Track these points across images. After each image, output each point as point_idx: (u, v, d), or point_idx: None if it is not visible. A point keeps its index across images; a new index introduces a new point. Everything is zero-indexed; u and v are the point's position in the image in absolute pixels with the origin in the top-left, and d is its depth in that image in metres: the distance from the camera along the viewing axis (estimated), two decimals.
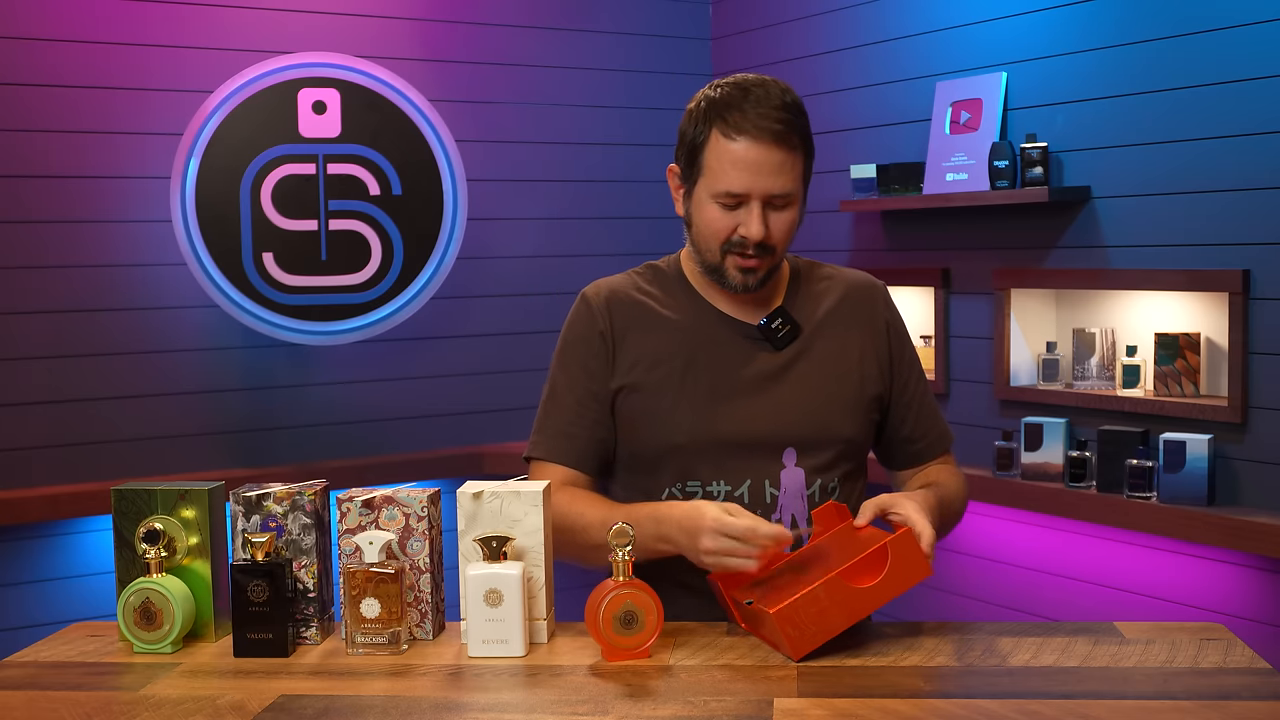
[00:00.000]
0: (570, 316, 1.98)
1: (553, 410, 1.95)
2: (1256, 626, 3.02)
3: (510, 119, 4.18)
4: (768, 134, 1.80)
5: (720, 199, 1.84)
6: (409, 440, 4.06)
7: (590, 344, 1.94)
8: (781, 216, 1.85)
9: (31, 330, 3.54)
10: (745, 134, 1.81)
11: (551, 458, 1.93)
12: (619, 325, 1.93)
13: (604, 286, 1.98)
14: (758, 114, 1.80)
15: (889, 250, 3.91)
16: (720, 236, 1.86)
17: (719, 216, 1.85)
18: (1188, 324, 3.21)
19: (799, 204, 1.87)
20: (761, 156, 1.80)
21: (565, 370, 1.96)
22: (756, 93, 1.82)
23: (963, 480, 2.04)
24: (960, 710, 1.43)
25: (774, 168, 1.81)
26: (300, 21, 3.84)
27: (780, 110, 1.81)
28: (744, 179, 1.81)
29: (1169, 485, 3.07)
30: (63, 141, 3.56)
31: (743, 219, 1.83)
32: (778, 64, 4.19)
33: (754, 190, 1.82)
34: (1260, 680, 1.51)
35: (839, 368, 1.94)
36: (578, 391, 1.93)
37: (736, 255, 1.86)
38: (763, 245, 1.84)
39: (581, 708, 1.47)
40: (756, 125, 1.80)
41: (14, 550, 3.54)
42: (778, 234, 1.85)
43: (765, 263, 1.87)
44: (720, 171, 1.83)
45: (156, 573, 1.72)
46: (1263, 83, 2.96)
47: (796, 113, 1.83)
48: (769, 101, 1.81)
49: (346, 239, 3.79)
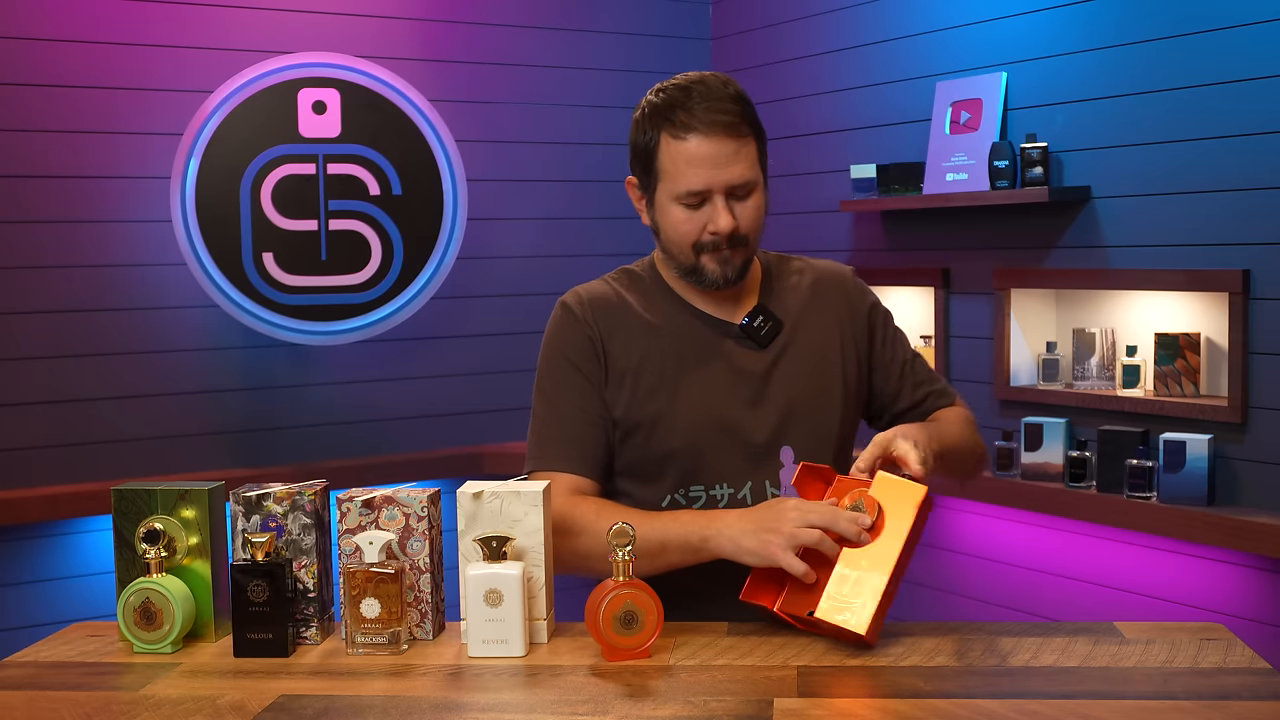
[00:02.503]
0: (552, 325, 1.94)
1: (550, 420, 1.90)
2: (1256, 626, 3.02)
3: (510, 119, 4.18)
4: (717, 126, 1.80)
5: (682, 200, 1.83)
6: (409, 440, 4.06)
7: (580, 348, 1.90)
8: (746, 205, 1.85)
9: (31, 330, 3.54)
10: (694, 130, 1.81)
11: (557, 467, 1.87)
12: (605, 330, 1.91)
13: (583, 293, 1.95)
14: (703, 109, 1.81)
15: (889, 250, 3.91)
16: (690, 238, 1.85)
17: (685, 218, 1.84)
18: (1188, 324, 3.21)
19: (761, 190, 1.87)
20: (714, 150, 1.80)
21: (557, 379, 1.91)
22: (698, 89, 1.83)
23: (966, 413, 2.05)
24: (960, 710, 1.43)
25: (729, 158, 1.81)
26: (300, 21, 3.84)
27: (724, 101, 1.82)
28: (702, 175, 1.81)
29: (1169, 485, 3.07)
30: (63, 141, 3.56)
31: (709, 215, 1.83)
32: (778, 64, 4.19)
33: (714, 184, 1.82)
34: (1260, 680, 1.51)
35: (822, 359, 1.94)
36: (574, 396, 1.89)
37: (710, 252, 1.86)
38: (734, 236, 1.84)
39: (581, 708, 1.47)
40: (703, 120, 1.80)
41: (14, 550, 3.54)
42: (746, 222, 1.85)
43: (740, 253, 1.87)
44: (677, 173, 1.82)
45: (156, 573, 1.72)
46: (1263, 83, 2.96)
47: (741, 101, 1.84)
48: (712, 95, 1.82)
49: (346, 239, 3.79)
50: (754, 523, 1.71)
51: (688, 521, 1.76)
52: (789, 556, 1.66)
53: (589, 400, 1.90)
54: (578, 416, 1.89)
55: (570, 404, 1.89)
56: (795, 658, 1.62)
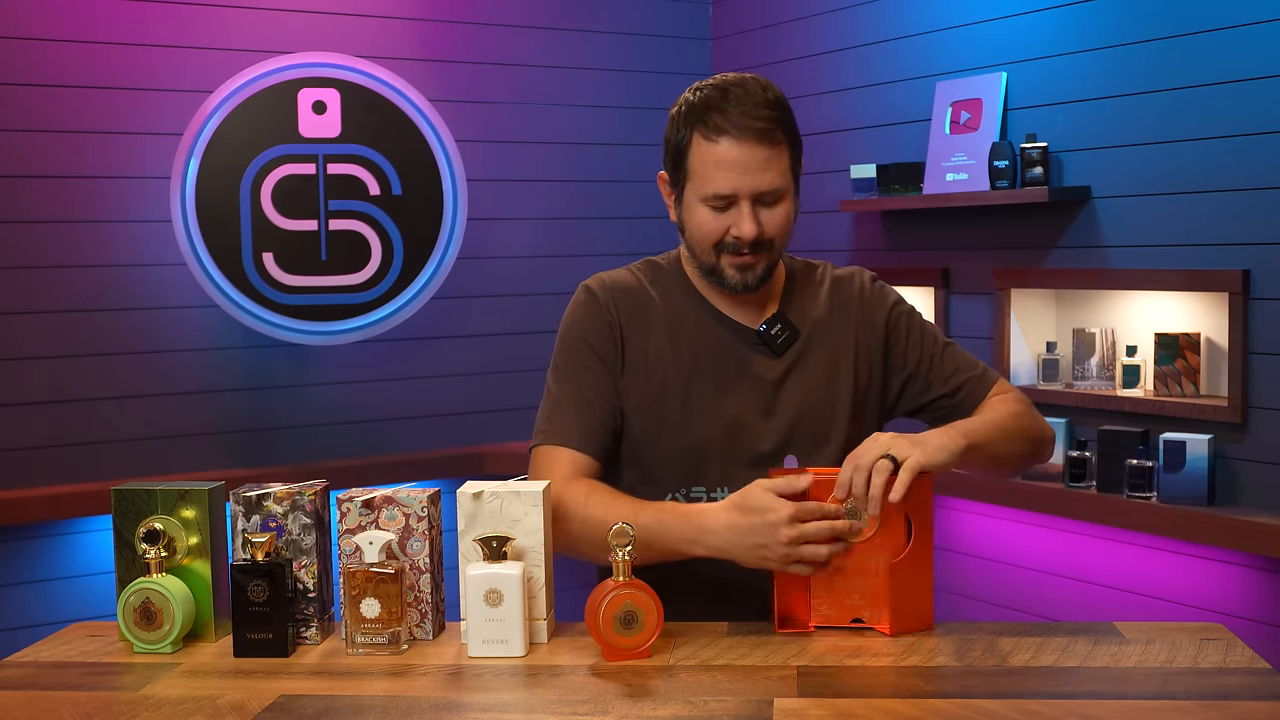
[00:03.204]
0: (573, 307, 1.95)
1: (561, 398, 1.90)
2: (1256, 626, 3.02)
3: (510, 119, 4.18)
4: (750, 132, 1.79)
5: (709, 201, 1.82)
6: (409, 440, 4.06)
7: (599, 332, 1.91)
8: (774, 213, 1.83)
9: (31, 330, 3.54)
10: (726, 134, 1.79)
11: (561, 442, 1.87)
12: (625, 318, 1.91)
13: (607, 279, 1.96)
14: (738, 113, 1.79)
15: (889, 250, 3.91)
16: (713, 239, 1.84)
17: (710, 219, 1.84)
18: (1188, 324, 3.21)
19: (791, 198, 1.85)
20: (745, 155, 1.79)
21: (573, 359, 1.91)
22: (736, 92, 1.81)
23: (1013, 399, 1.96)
24: (960, 710, 1.43)
25: (759, 165, 1.80)
26: (300, 21, 3.84)
27: (761, 107, 1.80)
28: (730, 179, 1.80)
29: (1169, 485, 3.07)
30: (63, 141, 3.56)
31: (734, 219, 1.82)
32: (778, 64, 4.19)
33: (741, 190, 1.80)
34: (1260, 680, 1.51)
35: (833, 370, 1.93)
36: (589, 378, 1.89)
37: (731, 255, 1.85)
38: (758, 242, 1.83)
39: (581, 708, 1.47)
40: (737, 125, 1.79)
41: (14, 550, 3.54)
42: (771, 230, 1.84)
43: (762, 259, 1.86)
44: (706, 174, 1.82)
45: (156, 573, 1.72)
46: (1263, 83, 2.96)
47: (778, 108, 1.82)
48: (749, 100, 1.80)
49: (346, 239, 3.79)
50: (744, 534, 1.69)
51: (672, 524, 1.74)
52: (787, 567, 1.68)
53: (602, 383, 1.89)
54: (589, 398, 1.89)
55: (584, 384, 1.89)
56: (795, 658, 1.62)
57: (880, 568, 1.68)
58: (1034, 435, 1.95)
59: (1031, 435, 1.95)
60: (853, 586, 1.70)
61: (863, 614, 1.70)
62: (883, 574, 1.68)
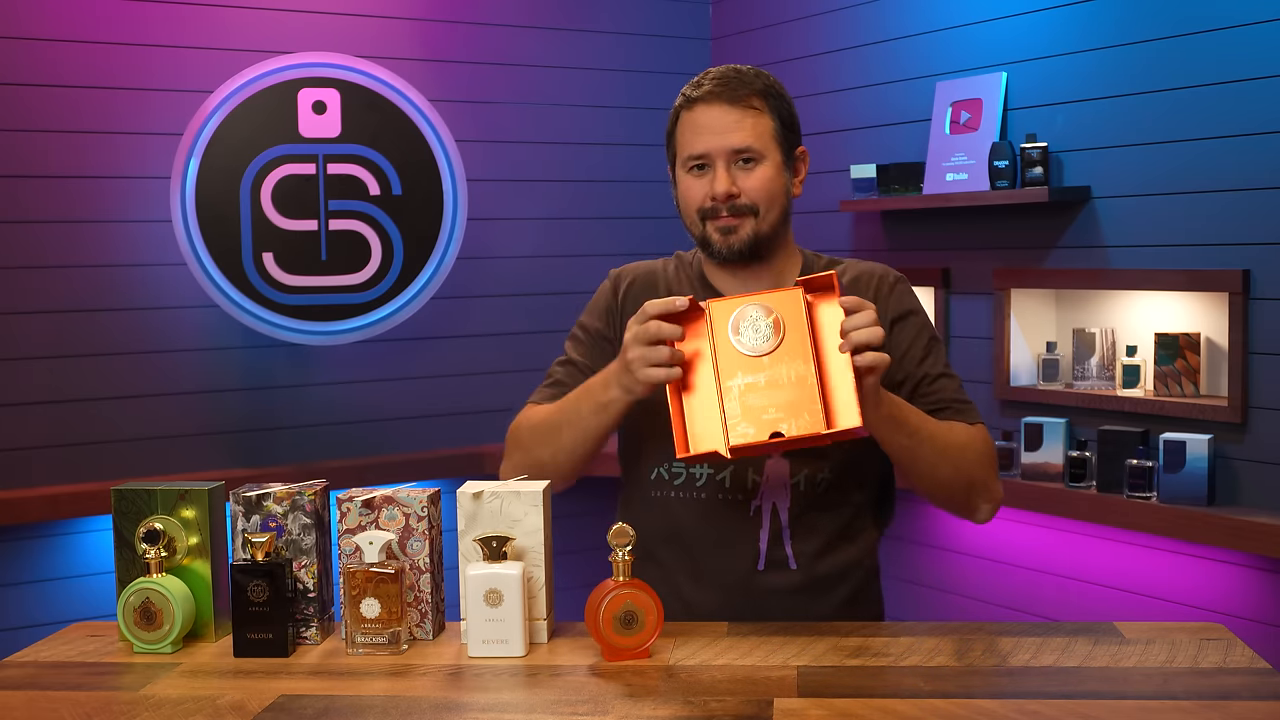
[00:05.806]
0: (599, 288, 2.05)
1: (557, 365, 2.03)
2: (1256, 626, 3.02)
3: (510, 119, 4.18)
4: (722, 96, 1.86)
5: (687, 166, 1.89)
6: (409, 440, 4.06)
7: (598, 314, 2.01)
8: (751, 174, 1.87)
9: (31, 330, 3.54)
10: (700, 101, 1.87)
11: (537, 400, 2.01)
12: (628, 304, 1.97)
13: (629, 266, 2.04)
14: (714, 82, 1.87)
15: (889, 250, 3.91)
16: (695, 204, 1.89)
17: (691, 184, 1.90)
18: (1188, 324, 3.21)
19: (772, 163, 1.87)
20: (716, 116, 1.86)
21: (576, 334, 2.03)
22: (721, 70, 1.90)
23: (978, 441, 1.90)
24: (960, 710, 1.43)
25: (730, 125, 1.85)
26: (300, 21, 3.84)
27: (740, 76, 1.88)
28: (702, 139, 1.86)
29: (1169, 485, 3.07)
30: (63, 141, 3.56)
31: (711, 180, 1.87)
32: (778, 64, 4.18)
33: (714, 149, 1.86)
34: (1260, 680, 1.51)
35: None
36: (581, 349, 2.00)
37: (713, 220, 1.88)
38: (737, 204, 1.86)
39: (581, 708, 1.47)
40: (710, 90, 1.87)
41: (14, 550, 3.54)
42: (751, 190, 1.86)
43: (746, 222, 1.88)
44: (684, 141, 1.90)
45: (156, 573, 1.72)
46: (1263, 83, 2.96)
47: (760, 79, 1.89)
48: (730, 72, 1.89)
49: (346, 239, 3.79)
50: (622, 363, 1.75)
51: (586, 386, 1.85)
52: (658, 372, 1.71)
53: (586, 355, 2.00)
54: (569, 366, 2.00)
55: (570, 356, 2.01)
56: (795, 658, 1.62)
57: (791, 378, 1.68)
58: (970, 476, 1.88)
59: (967, 475, 1.88)
60: (767, 401, 1.69)
61: (780, 426, 1.67)
62: (794, 383, 1.67)
